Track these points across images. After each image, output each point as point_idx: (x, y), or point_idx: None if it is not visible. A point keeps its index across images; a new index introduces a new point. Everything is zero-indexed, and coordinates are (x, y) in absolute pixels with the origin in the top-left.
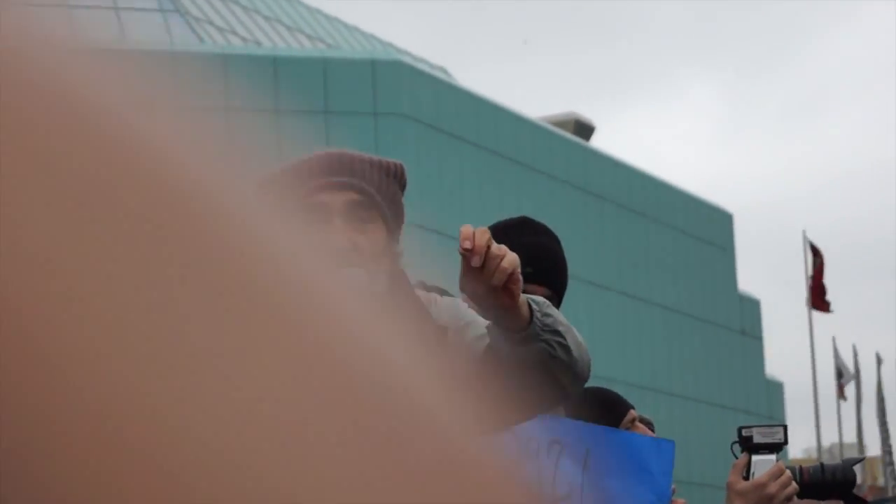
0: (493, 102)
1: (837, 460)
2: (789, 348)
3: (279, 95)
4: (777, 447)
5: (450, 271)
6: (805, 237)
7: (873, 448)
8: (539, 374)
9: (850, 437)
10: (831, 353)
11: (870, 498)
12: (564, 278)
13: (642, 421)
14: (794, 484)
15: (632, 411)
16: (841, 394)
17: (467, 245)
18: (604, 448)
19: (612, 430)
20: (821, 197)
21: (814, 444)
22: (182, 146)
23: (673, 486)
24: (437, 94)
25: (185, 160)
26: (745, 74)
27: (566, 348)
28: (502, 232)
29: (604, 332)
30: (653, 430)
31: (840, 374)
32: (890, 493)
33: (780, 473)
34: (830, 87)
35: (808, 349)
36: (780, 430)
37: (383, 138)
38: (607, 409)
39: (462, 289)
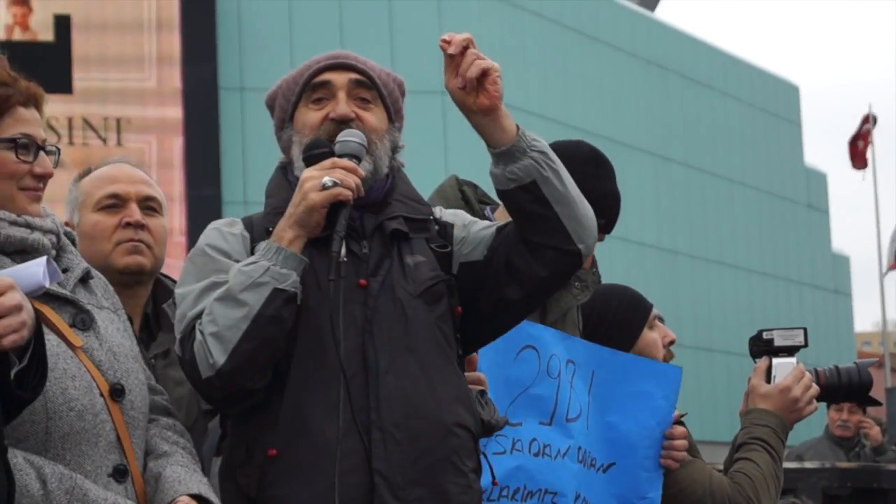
0: None
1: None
2: (856, 223)
3: None
4: (796, 349)
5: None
6: (871, 111)
7: None
8: (534, 204)
9: None
10: None
11: None
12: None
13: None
14: (815, 386)
15: (654, 311)
16: None
17: (447, 37)
18: (607, 370)
19: (616, 352)
20: (890, 77)
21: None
22: None
23: (678, 413)
24: None
25: None
26: None
27: (557, 172)
28: (571, 160)
29: (668, 203)
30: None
31: None
32: None
33: (802, 376)
34: None
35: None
36: (801, 332)
37: (446, 7)
38: (632, 308)
39: (445, 86)
